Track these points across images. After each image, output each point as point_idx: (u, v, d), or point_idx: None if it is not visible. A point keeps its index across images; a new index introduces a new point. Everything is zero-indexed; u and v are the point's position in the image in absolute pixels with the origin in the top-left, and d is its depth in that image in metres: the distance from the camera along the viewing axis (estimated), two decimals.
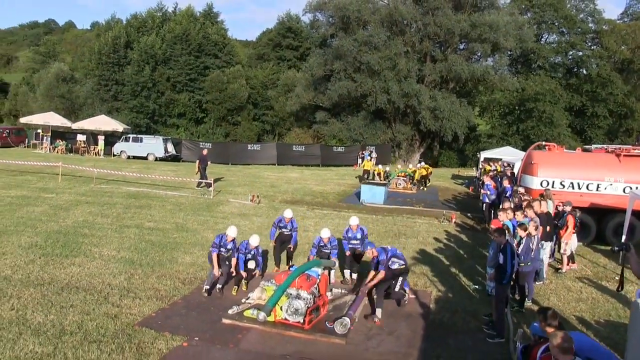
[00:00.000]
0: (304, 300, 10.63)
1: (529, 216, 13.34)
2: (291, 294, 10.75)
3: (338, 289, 12.98)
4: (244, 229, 19.24)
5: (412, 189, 32.80)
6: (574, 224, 15.41)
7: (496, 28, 50.34)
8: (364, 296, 11.78)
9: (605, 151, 21.58)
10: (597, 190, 19.62)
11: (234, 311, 11.01)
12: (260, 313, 10.32)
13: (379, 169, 36.08)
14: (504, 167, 29.84)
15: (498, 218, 14.19)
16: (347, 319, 10.37)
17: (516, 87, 55.42)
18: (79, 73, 75.77)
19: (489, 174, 26.23)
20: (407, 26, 54.68)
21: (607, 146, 23.30)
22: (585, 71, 61.55)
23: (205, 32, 69.41)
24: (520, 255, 11.86)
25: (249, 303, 11.43)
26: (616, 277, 15.12)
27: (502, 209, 14.52)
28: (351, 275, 14.05)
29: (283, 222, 14.54)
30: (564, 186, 19.72)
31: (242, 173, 38.58)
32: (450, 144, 58.39)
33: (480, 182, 27.25)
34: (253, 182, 32.57)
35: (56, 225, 18.19)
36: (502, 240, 10.92)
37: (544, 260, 14.26)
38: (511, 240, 11.47)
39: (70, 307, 10.90)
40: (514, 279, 12.29)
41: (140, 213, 21.06)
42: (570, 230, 15.31)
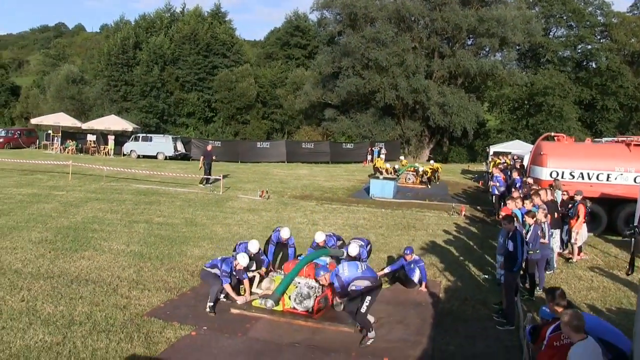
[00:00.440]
0: (312, 289, 10.61)
1: (537, 204, 13.28)
2: (299, 283, 10.73)
3: None
4: (253, 223, 19.33)
5: (421, 185, 32.69)
6: (584, 213, 15.32)
7: (504, 22, 50.08)
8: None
9: (616, 141, 21.44)
10: (607, 180, 19.48)
11: (243, 301, 11.02)
12: (268, 300, 10.29)
13: (388, 167, 36.00)
14: (513, 160, 29.71)
15: (507, 206, 14.14)
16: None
17: (525, 81, 55.06)
18: (89, 74, 76.09)
19: (498, 166, 26.14)
20: (415, 22, 54.57)
21: (617, 139, 23.09)
22: (594, 64, 61.18)
23: (213, 32, 69.53)
24: (529, 242, 11.81)
25: (257, 293, 11.42)
26: (627, 265, 15.05)
27: (511, 198, 14.46)
28: None
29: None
30: (573, 177, 19.60)
31: (252, 170, 38.60)
32: (460, 139, 58.15)
33: (490, 175, 27.14)
34: (262, 179, 32.57)
35: (66, 221, 18.26)
36: (511, 227, 10.87)
37: (554, 249, 14.17)
38: (520, 229, 11.41)
39: (79, 299, 10.95)
40: (523, 267, 12.29)
41: (149, 209, 21.12)
42: (581, 219, 15.22)
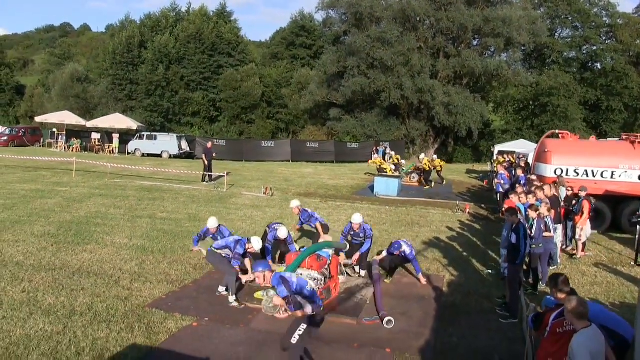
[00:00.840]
0: (315, 281, 10.57)
1: (540, 198, 13.22)
2: (301, 275, 10.68)
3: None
4: (257, 219, 19.30)
5: (426, 184, 32.50)
6: (589, 209, 15.25)
7: (509, 23, 49.95)
8: (380, 281, 11.75)
9: (620, 139, 21.37)
10: (611, 177, 19.40)
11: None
12: (269, 291, 10.25)
13: (387, 165, 35.86)
14: (518, 158, 29.63)
15: (510, 199, 14.11)
16: (390, 318, 10.01)
17: (530, 82, 54.90)
18: (94, 73, 76.15)
19: (502, 164, 26.07)
20: (420, 22, 54.45)
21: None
22: (600, 65, 60.98)
23: (218, 31, 69.53)
24: (535, 237, 11.77)
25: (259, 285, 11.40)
26: (631, 262, 15.00)
27: (514, 192, 14.42)
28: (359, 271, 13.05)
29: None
30: (578, 174, 19.52)
31: (256, 169, 38.57)
32: (465, 140, 58.00)
33: (495, 173, 27.06)
34: (267, 177, 32.53)
35: (69, 215, 18.26)
36: (514, 219, 10.82)
37: (557, 244, 14.10)
38: (523, 222, 11.35)
39: (81, 290, 10.93)
40: (527, 262, 12.25)
41: (153, 204, 21.11)
42: (585, 215, 15.15)
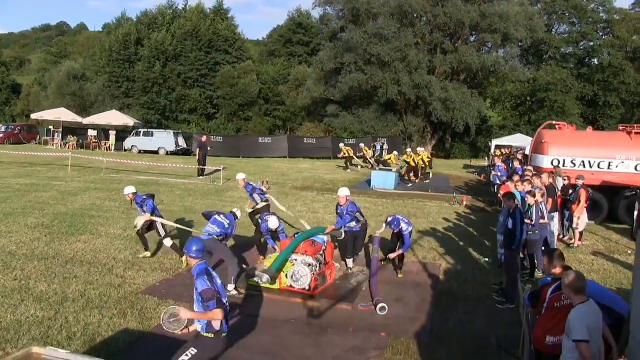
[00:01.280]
0: (309, 267, 10.48)
1: (535, 184, 13.16)
2: (296, 260, 10.60)
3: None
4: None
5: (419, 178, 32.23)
6: (586, 197, 15.19)
7: (506, 18, 49.81)
8: (377, 268, 11.59)
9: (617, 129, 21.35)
10: (608, 168, 19.36)
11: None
12: (263, 275, 10.10)
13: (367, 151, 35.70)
14: (515, 151, 29.59)
15: (507, 185, 14.06)
16: (384, 304, 9.90)
17: (527, 77, 54.79)
18: (90, 71, 75.88)
19: (499, 157, 26.04)
20: (417, 17, 54.28)
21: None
22: (596, 61, 60.89)
23: (215, 28, 69.20)
24: (534, 222, 11.73)
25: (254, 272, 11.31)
26: (628, 251, 14.93)
27: (511, 180, 14.37)
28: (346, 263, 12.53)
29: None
30: (574, 164, 19.46)
31: (253, 164, 38.49)
32: (462, 136, 57.85)
33: (492, 166, 26.99)
34: (263, 172, 32.40)
35: (63, 207, 18.17)
36: (511, 204, 10.76)
37: (554, 232, 14.03)
38: (520, 207, 11.29)
39: (73, 278, 10.86)
40: (523, 247, 12.20)
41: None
42: (582, 204, 15.08)
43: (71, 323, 8.63)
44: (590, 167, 19.39)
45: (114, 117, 51.59)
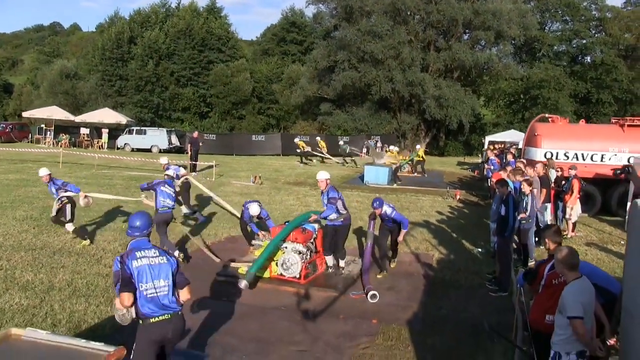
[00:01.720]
0: (300, 255, 10.35)
1: (528, 174, 13.06)
2: (286, 248, 10.46)
3: None
4: None
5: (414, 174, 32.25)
6: (579, 187, 15.09)
7: (499, 16, 49.81)
8: (370, 258, 11.38)
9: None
10: (601, 160, 19.27)
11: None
12: (242, 281, 9.74)
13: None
14: (509, 146, 29.55)
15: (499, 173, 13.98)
16: (375, 292, 9.81)
17: (521, 75, 54.83)
18: (83, 70, 75.53)
19: (493, 151, 25.98)
20: (410, 15, 54.27)
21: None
22: (589, 58, 60.96)
23: (208, 27, 69.00)
24: (529, 213, 11.64)
25: (244, 262, 11.19)
26: (622, 242, 14.84)
27: (504, 169, 14.27)
28: (338, 263, 11.48)
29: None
30: (568, 157, 19.36)
31: (246, 161, 38.38)
32: (456, 133, 57.84)
33: (486, 160, 26.93)
34: (256, 168, 32.25)
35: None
36: (504, 191, 10.64)
37: (547, 223, 13.93)
38: (513, 194, 11.18)
39: (61, 268, 10.72)
40: (518, 239, 12.12)
41: (139, 192, 20.81)
42: (575, 194, 14.98)
43: (56, 311, 8.49)
44: (584, 159, 19.28)
45: (106, 115, 51.28)
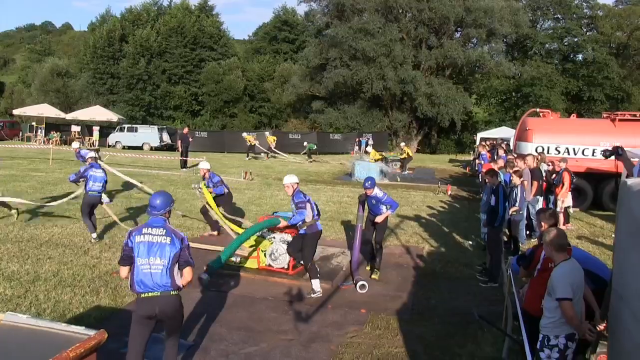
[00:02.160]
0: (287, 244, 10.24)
1: (519, 167, 13.02)
2: (274, 238, 10.38)
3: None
4: (235, 200, 18.96)
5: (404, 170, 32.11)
6: (569, 180, 15.06)
7: (491, 13, 49.96)
8: (360, 248, 11.21)
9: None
10: (592, 155, 19.22)
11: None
12: (203, 274, 9.21)
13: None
14: (500, 142, 29.57)
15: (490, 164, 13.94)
16: (364, 282, 9.76)
17: (512, 72, 54.87)
18: (74, 68, 75.20)
19: (485, 146, 25.97)
20: (402, 13, 54.30)
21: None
22: (581, 56, 61.11)
23: (200, 25, 68.95)
24: (518, 202, 11.61)
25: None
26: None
27: (494, 162, 14.23)
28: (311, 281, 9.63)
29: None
30: (559, 152, 19.33)
31: (238, 158, 38.26)
32: (448, 131, 57.96)
33: (477, 156, 26.91)
34: (248, 165, 32.09)
35: (42, 195, 17.84)
36: (494, 181, 10.59)
37: None
38: (503, 184, 11.14)
39: (47, 259, 10.61)
40: (508, 231, 12.09)
41: (130, 187, 20.73)
42: (566, 186, 14.96)
43: (41, 300, 8.39)
44: (575, 154, 19.28)
45: (97, 113, 50.99)
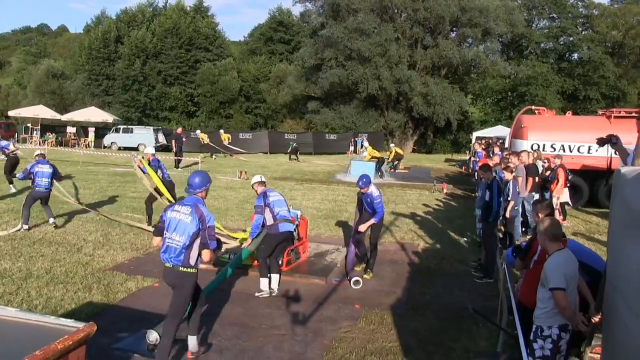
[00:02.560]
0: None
1: (513, 163, 13.00)
2: None
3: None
4: (230, 198, 19.07)
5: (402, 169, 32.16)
6: (564, 177, 15.04)
7: (486, 13, 50.04)
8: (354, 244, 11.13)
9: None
10: (588, 152, 19.22)
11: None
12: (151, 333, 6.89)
13: None
14: (496, 140, 29.59)
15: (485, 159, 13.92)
16: (358, 278, 9.70)
17: (508, 71, 54.93)
18: (70, 69, 75.12)
19: (480, 145, 25.97)
20: (397, 13, 54.33)
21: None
22: (576, 55, 61.24)
23: (195, 26, 68.95)
24: (511, 197, 11.58)
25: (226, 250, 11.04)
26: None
27: (490, 158, 14.20)
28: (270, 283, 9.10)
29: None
30: (554, 149, 19.31)
31: (233, 157, 38.19)
32: (444, 131, 57.99)
33: (473, 154, 26.93)
34: (243, 164, 32.04)
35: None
36: (489, 176, 10.57)
37: None
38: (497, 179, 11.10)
39: (40, 257, 10.53)
40: (504, 227, 12.05)
41: (124, 186, 20.72)
42: (561, 183, 14.94)
43: (33, 297, 8.31)
44: (570, 151, 19.26)
45: (93, 114, 50.95)
